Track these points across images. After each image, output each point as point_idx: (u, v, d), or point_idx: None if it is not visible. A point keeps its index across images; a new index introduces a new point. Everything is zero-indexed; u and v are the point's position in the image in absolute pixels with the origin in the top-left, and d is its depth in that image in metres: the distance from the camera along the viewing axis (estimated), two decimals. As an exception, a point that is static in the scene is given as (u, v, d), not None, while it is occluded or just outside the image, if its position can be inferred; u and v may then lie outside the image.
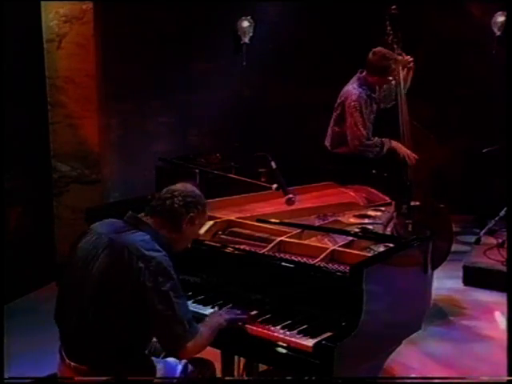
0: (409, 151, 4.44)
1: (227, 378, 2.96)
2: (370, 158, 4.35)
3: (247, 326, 2.48)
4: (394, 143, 4.42)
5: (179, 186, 2.49)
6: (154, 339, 2.60)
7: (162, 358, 2.60)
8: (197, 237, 2.63)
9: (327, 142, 4.57)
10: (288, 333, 2.40)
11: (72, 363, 2.36)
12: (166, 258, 2.33)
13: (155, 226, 2.41)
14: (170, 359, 2.58)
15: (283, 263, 2.64)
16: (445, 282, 4.99)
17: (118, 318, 2.29)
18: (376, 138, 4.37)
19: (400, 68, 4.49)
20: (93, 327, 2.31)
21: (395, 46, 4.54)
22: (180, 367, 2.54)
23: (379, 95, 4.53)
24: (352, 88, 4.40)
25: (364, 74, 4.43)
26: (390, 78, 4.42)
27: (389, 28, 4.55)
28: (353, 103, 4.33)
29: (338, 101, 4.48)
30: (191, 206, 2.44)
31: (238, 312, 2.53)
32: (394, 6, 4.56)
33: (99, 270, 2.32)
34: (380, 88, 4.52)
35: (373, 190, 3.76)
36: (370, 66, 4.40)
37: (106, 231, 2.41)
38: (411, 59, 4.55)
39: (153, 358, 2.52)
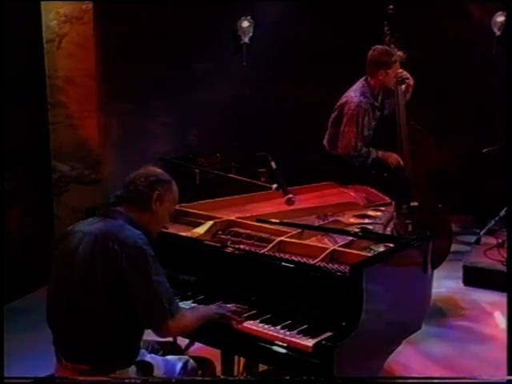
0: (397, 159, 4.39)
1: (227, 378, 2.96)
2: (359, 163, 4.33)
3: (247, 325, 2.48)
4: (381, 154, 4.34)
5: (140, 170, 2.52)
6: (152, 339, 2.61)
7: (162, 356, 2.60)
8: (171, 215, 2.60)
9: (325, 143, 4.57)
10: (288, 333, 2.40)
11: (69, 364, 2.36)
12: (142, 236, 2.34)
13: (126, 212, 2.42)
14: (170, 357, 2.59)
15: (283, 263, 2.64)
16: (445, 282, 5.00)
17: (106, 308, 2.29)
18: (363, 149, 4.30)
19: (398, 65, 4.48)
20: (83, 323, 2.32)
21: (392, 47, 4.53)
22: (180, 365, 2.55)
23: (382, 98, 4.51)
24: (354, 95, 4.34)
25: (367, 79, 4.40)
26: (393, 73, 4.38)
27: (386, 28, 4.55)
28: (350, 111, 4.28)
29: (338, 103, 4.45)
30: (155, 184, 2.46)
31: (230, 308, 2.53)
32: (391, 6, 4.55)
33: (80, 264, 2.33)
34: (382, 92, 4.48)
35: (373, 190, 3.77)
36: (372, 63, 4.36)
37: (80, 227, 2.44)
38: (408, 76, 4.53)
39: (152, 356, 2.52)
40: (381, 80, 4.36)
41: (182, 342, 3.07)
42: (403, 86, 4.49)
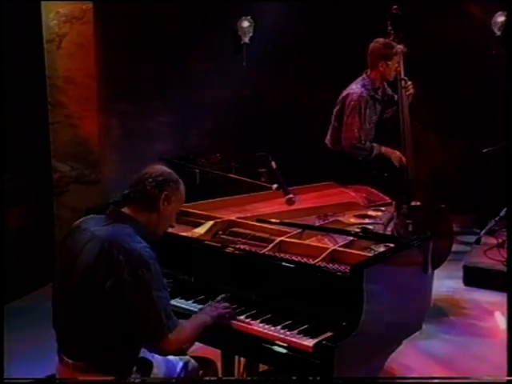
0: (400, 157, 4.41)
1: (227, 378, 2.96)
2: (362, 158, 4.35)
3: (247, 325, 2.48)
4: (384, 149, 4.40)
5: (147, 169, 2.47)
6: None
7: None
8: (176, 216, 2.58)
9: (327, 140, 4.58)
10: (288, 333, 2.40)
11: (70, 361, 2.35)
12: (148, 249, 2.31)
13: (134, 214, 2.40)
14: (171, 357, 2.58)
15: (283, 263, 2.64)
16: (445, 282, 5.00)
17: (103, 312, 2.28)
18: (367, 143, 4.36)
19: (401, 63, 4.49)
20: (82, 322, 2.31)
21: (392, 38, 4.54)
22: (181, 364, 2.54)
23: (382, 92, 4.53)
24: (355, 87, 4.41)
25: (368, 72, 4.44)
26: (393, 66, 4.40)
27: (390, 28, 4.56)
28: (352, 103, 4.33)
29: (340, 97, 4.48)
30: (163, 184, 2.42)
31: (223, 307, 2.52)
32: (395, 6, 4.57)
33: (82, 264, 2.32)
34: (383, 83, 4.50)
35: (373, 190, 3.77)
36: (373, 55, 4.41)
37: (89, 226, 2.42)
38: (410, 84, 4.54)
39: (153, 356, 2.51)
40: (381, 72, 4.42)
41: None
42: (409, 96, 4.51)
